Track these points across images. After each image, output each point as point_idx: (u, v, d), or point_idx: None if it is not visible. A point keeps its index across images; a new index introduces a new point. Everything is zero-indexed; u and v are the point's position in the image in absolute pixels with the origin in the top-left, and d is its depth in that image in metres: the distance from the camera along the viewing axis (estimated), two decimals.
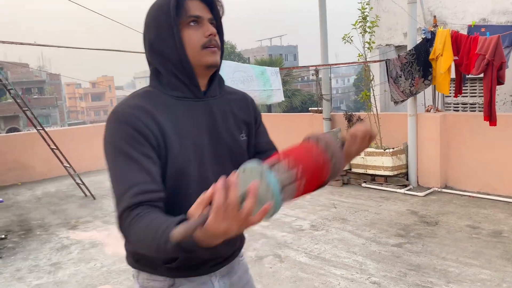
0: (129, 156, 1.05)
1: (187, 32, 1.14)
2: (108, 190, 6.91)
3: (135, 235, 0.97)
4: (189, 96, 1.18)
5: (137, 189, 1.02)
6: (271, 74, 4.83)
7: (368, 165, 5.97)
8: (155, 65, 1.19)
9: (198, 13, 1.15)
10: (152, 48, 1.18)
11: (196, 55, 1.15)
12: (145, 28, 1.20)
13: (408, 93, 5.53)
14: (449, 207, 4.95)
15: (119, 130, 1.08)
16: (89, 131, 9.02)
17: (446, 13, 6.09)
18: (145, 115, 1.10)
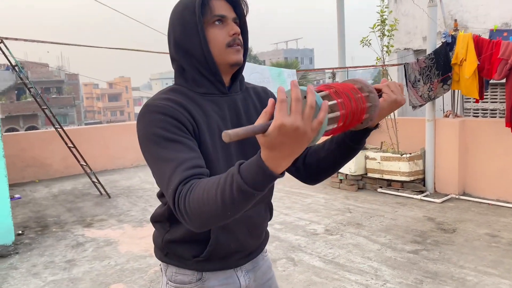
0: (172, 139, 1.05)
1: (212, 31, 1.17)
2: (123, 189, 6.97)
3: (195, 197, 0.94)
4: (214, 92, 1.21)
5: (188, 164, 1.01)
6: (287, 76, 4.82)
7: (384, 170, 5.89)
8: (180, 62, 1.21)
9: (223, 13, 1.17)
10: (177, 45, 1.20)
11: (221, 53, 1.18)
12: (170, 26, 1.22)
13: (427, 98, 5.45)
14: (467, 215, 4.85)
15: (156, 120, 1.07)
16: (106, 130, 9.12)
17: (467, 17, 5.99)
18: (179, 106, 1.11)
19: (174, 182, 0.99)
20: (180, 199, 0.97)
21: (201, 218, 0.95)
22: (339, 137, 1.20)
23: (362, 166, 6.13)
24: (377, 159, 5.94)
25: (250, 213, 1.26)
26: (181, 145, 1.05)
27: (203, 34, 1.15)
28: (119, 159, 8.82)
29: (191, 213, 0.95)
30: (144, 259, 4.04)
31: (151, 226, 1.37)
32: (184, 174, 0.99)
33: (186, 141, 1.07)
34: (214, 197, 0.91)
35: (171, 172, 1.00)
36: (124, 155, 8.86)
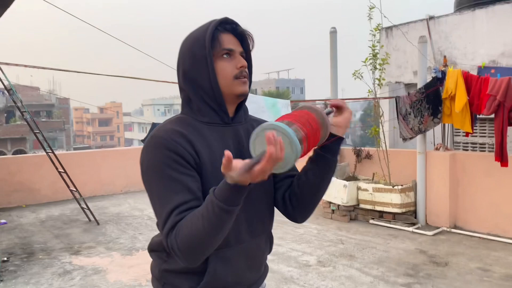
0: (172, 177, 1.12)
1: (220, 64, 1.23)
2: (112, 216, 6.87)
3: (184, 234, 1.05)
4: (218, 121, 1.26)
5: (183, 207, 1.09)
6: (282, 107, 4.89)
7: (376, 201, 5.91)
8: (188, 92, 1.27)
9: (231, 47, 1.24)
10: (186, 76, 1.26)
11: (228, 85, 1.24)
12: (180, 57, 1.29)
13: (417, 131, 5.54)
14: (459, 248, 4.86)
15: (160, 154, 1.14)
16: (96, 155, 9.05)
17: (456, 53, 6.18)
18: (182, 139, 1.17)
19: (168, 226, 1.08)
20: (172, 241, 1.07)
21: (193, 252, 1.07)
22: (313, 154, 1.29)
23: (354, 197, 6.15)
24: (369, 190, 5.97)
25: (250, 245, 1.27)
26: (180, 185, 1.11)
27: (212, 66, 1.22)
28: (108, 185, 8.72)
29: (183, 251, 1.06)
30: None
31: (141, 254, 1.41)
32: (176, 219, 1.08)
33: (186, 179, 1.12)
34: (201, 226, 1.03)
35: (167, 215, 1.09)
36: (114, 181, 8.77)
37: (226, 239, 1.19)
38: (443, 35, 6.32)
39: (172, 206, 1.09)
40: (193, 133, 1.20)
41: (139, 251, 5.01)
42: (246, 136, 1.31)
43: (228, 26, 1.26)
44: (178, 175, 1.11)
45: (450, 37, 6.24)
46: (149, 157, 1.16)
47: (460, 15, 6.17)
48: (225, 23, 1.26)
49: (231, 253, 1.23)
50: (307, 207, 1.35)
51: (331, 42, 6.70)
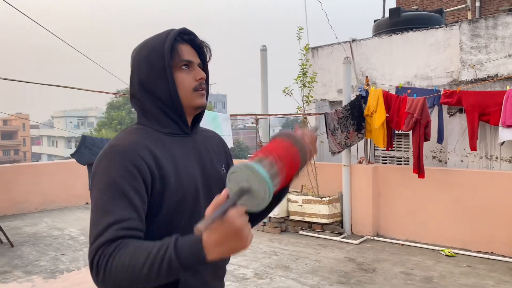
0: (121, 190, 1.05)
1: (179, 75, 1.22)
2: (28, 236, 6.30)
3: (120, 261, 0.95)
4: (178, 132, 1.26)
5: (125, 224, 1.02)
6: (222, 120, 4.91)
7: (305, 213, 6.13)
8: (143, 102, 1.25)
9: (190, 58, 1.24)
10: (142, 86, 1.24)
11: (188, 97, 1.24)
12: (134, 66, 1.26)
13: (344, 145, 5.89)
14: (382, 255, 5.21)
15: (116, 163, 1.09)
16: (6, 171, 8.25)
17: (375, 74, 6.70)
18: (143, 149, 1.13)
19: (102, 238, 0.99)
20: (101, 257, 0.97)
21: (120, 282, 0.96)
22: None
23: (284, 208, 6.32)
24: (298, 202, 6.18)
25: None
26: (127, 201, 1.05)
27: (171, 77, 1.20)
28: (21, 203, 7.98)
29: (109, 276, 0.96)
30: None
31: (67, 277, 1.35)
32: (115, 233, 0.99)
33: (134, 195, 1.06)
34: (141, 264, 0.94)
35: (104, 227, 1.00)
36: (27, 198, 8.05)
37: None
38: (364, 57, 6.83)
39: (114, 219, 1.01)
40: (156, 144, 1.18)
41: (63, 273, 4.64)
42: (204, 147, 1.33)
43: (186, 36, 1.26)
44: (128, 190, 1.06)
45: (370, 59, 6.76)
46: (104, 165, 1.10)
47: (379, 39, 6.72)
48: (183, 33, 1.25)
49: None
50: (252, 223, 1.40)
51: (261, 60, 6.91)
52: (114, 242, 0.98)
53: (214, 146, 1.39)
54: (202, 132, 1.39)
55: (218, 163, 1.36)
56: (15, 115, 24.93)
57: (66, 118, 54.51)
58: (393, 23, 7.10)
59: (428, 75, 6.18)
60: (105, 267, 0.96)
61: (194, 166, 1.25)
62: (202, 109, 1.31)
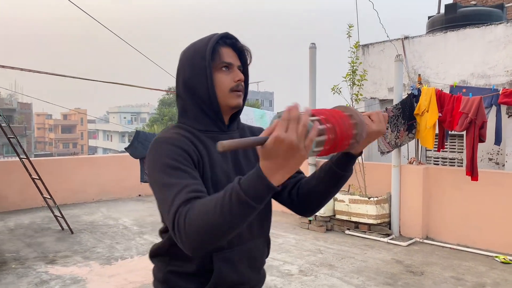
0: (177, 167, 1.14)
1: (218, 76, 1.31)
2: (86, 224, 6.70)
3: (195, 213, 0.99)
4: (214, 129, 1.33)
5: (191, 188, 1.08)
6: (269, 118, 4.99)
7: (352, 212, 6.07)
8: (185, 100, 1.34)
9: (230, 60, 1.32)
10: (186, 85, 1.33)
11: (224, 97, 1.31)
12: (180, 66, 1.36)
13: (394, 145, 5.77)
14: (432, 258, 5.06)
15: (166, 149, 1.18)
16: (68, 163, 8.80)
17: (428, 72, 6.50)
18: (188, 140, 1.23)
19: (176, 203, 1.04)
20: (180, 217, 1.01)
21: (198, 234, 0.98)
22: (326, 165, 1.31)
23: (330, 207, 6.29)
24: (345, 201, 6.13)
25: (249, 246, 1.33)
26: (185, 173, 1.13)
27: (210, 77, 1.29)
28: (80, 193, 8.50)
29: (189, 230, 0.99)
30: None
31: (120, 264, 1.46)
32: (186, 196, 1.05)
33: (190, 170, 1.15)
34: (213, 209, 0.97)
35: (174, 195, 1.06)
36: (85, 189, 8.56)
37: (229, 239, 1.21)
38: (417, 55, 6.64)
39: (179, 187, 1.08)
40: (194, 139, 1.27)
41: (118, 260, 4.92)
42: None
43: (228, 40, 1.33)
44: (183, 166, 1.14)
45: (424, 57, 6.56)
46: (154, 154, 1.18)
47: (433, 36, 6.51)
48: (226, 37, 1.33)
49: (233, 254, 1.28)
50: (315, 208, 1.42)
51: (310, 57, 6.89)
52: (187, 204, 1.03)
53: None
54: (245, 129, 1.45)
55: (254, 159, 1.41)
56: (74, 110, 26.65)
57: (121, 114, 56.87)
58: (449, 20, 6.84)
59: (485, 74, 5.92)
60: (184, 225, 1.00)
61: (228, 161, 1.32)
62: (239, 109, 1.37)
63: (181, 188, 1.07)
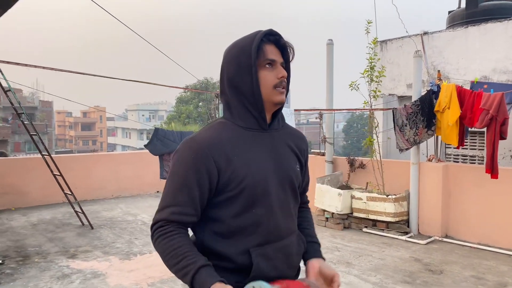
0: (184, 179, 1.28)
1: (262, 73, 1.33)
2: (105, 220, 6.82)
3: (161, 249, 1.27)
4: (256, 127, 1.36)
5: (178, 209, 1.27)
6: (286, 115, 4.98)
7: (370, 210, 6.03)
8: (230, 97, 1.37)
9: (273, 57, 1.34)
10: (230, 82, 1.36)
11: (268, 93, 1.34)
12: (224, 64, 1.38)
13: (412, 142, 5.70)
14: (451, 257, 4.99)
15: (188, 156, 1.28)
16: (88, 160, 8.97)
17: (448, 68, 6.39)
18: (216, 147, 1.28)
19: (160, 216, 1.29)
20: (154, 232, 1.30)
21: (160, 256, 1.29)
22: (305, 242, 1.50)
23: (348, 205, 6.25)
24: (363, 199, 6.08)
25: (285, 243, 1.36)
26: (187, 191, 1.27)
27: (256, 75, 1.32)
28: (100, 190, 8.64)
29: (155, 247, 1.30)
30: None
31: (139, 259, 1.67)
32: (168, 217, 1.28)
33: (194, 188, 1.27)
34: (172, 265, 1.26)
35: (163, 206, 1.30)
36: (105, 185, 8.70)
37: (266, 236, 1.32)
38: (437, 50, 6.53)
39: (172, 202, 1.28)
40: (230, 138, 1.30)
41: (137, 255, 4.99)
42: (281, 143, 1.42)
43: (271, 37, 1.35)
44: (191, 182, 1.26)
45: (443, 52, 6.46)
46: (179, 156, 1.30)
47: (453, 31, 6.39)
48: (269, 34, 1.35)
49: (271, 249, 1.32)
50: None
51: (327, 54, 6.86)
52: (165, 225, 1.28)
53: (292, 144, 1.46)
54: (284, 129, 1.47)
55: (293, 159, 1.45)
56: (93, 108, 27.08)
57: (139, 111, 57.53)
58: (470, 14, 6.71)
59: (508, 69, 5.78)
60: (154, 242, 1.30)
61: (267, 159, 1.35)
62: (280, 106, 1.39)
63: (171, 204, 1.28)
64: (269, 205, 1.33)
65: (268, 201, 1.33)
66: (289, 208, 1.41)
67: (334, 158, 7.00)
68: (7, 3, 4.88)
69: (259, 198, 1.31)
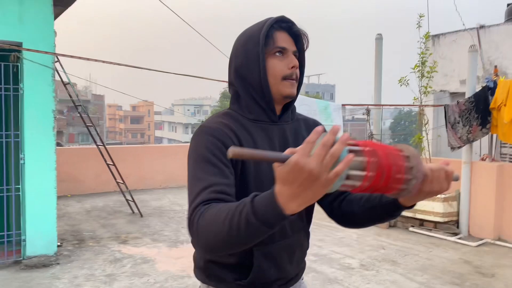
0: (211, 161, 1.12)
1: (271, 61, 1.23)
2: (154, 209, 7.08)
3: (207, 217, 0.98)
4: (265, 119, 1.26)
5: (216, 188, 1.07)
6: (333, 110, 4.96)
7: (417, 210, 5.87)
8: (237, 88, 1.28)
9: (284, 45, 1.23)
10: (237, 72, 1.27)
11: (277, 84, 1.24)
12: (232, 53, 1.30)
13: (465, 140, 5.49)
14: (504, 261, 4.78)
15: (205, 140, 1.16)
16: (138, 151, 9.34)
17: (506, 63, 6.09)
18: (229, 130, 1.19)
19: (197, 200, 1.05)
20: (195, 216, 1.01)
21: (207, 238, 0.98)
22: (374, 200, 1.19)
23: None
24: None
25: (291, 241, 1.29)
26: (216, 169, 1.11)
27: (263, 64, 1.21)
28: (149, 180, 8.98)
29: (200, 233, 0.99)
30: (182, 279, 4.09)
31: (186, 247, 1.43)
32: (208, 196, 1.05)
33: (223, 167, 1.12)
34: (222, 220, 0.94)
35: (198, 191, 1.07)
36: (153, 176, 9.03)
37: (271, 234, 1.12)
38: (493, 45, 6.24)
39: (206, 184, 1.07)
40: (239, 128, 1.22)
41: (183, 244, 5.16)
42: (293, 135, 1.31)
43: (284, 24, 1.25)
44: (216, 161, 1.12)
45: (501, 47, 6.16)
46: (195, 143, 1.18)
47: None
48: (281, 21, 1.25)
49: (275, 248, 1.24)
50: (356, 227, 1.36)
51: (376, 49, 6.72)
52: (207, 204, 1.03)
53: (306, 136, 1.31)
54: (298, 121, 1.37)
55: None
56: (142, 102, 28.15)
57: (184, 106, 58.85)
58: None
59: None
60: (197, 226, 1.00)
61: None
62: (291, 99, 1.29)
63: (207, 186, 1.07)
64: None
65: None
66: None
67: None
68: (67, 1, 5.18)
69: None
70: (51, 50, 4.44)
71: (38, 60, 4.31)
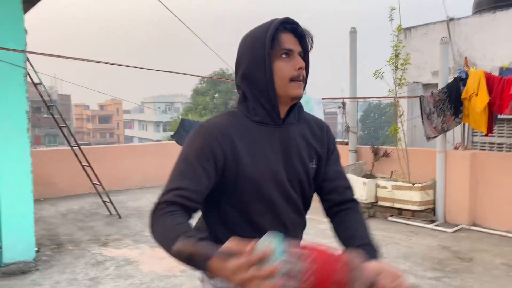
0: (192, 164, 1.20)
1: (278, 63, 1.24)
2: (132, 210, 6.95)
3: (158, 230, 1.13)
4: (269, 122, 1.28)
5: (183, 192, 1.16)
6: (315, 104, 5.00)
7: (395, 199, 6.01)
8: (244, 90, 1.30)
9: (290, 47, 1.25)
10: (244, 75, 1.28)
11: (284, 86, 1.25)
12: (239, 55, 1.32)
13: (440, 130, 5.65)
14: (481, 245, 4.96)
15: (196, 142, 1.24)
16: (110, 151, 9.12)
17: (475, 55, 6.30)
18: (224, 134, 1.23)
19: (164, 198, 1.17)
20: (156, 213, 1.15)
21: (156, 241, 1.14)
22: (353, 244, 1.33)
23: (373, 194, 6.25)
24: (388, 188, 6.07)
25: (289, 236, 1.27)
26: (193, 174, 1.19)
27: (269, 66, 1.23)
28: (124, 180, 8.79)
29: (153, 232, 1.15)
30: (168, 278, 4.04)
31: None
32: (173, 198, 1.15)
33: (201, 172, 1.19)
34: (164, 235, 1.10)
35: (168, 190, 1.18)
36: (129, 176, 8.84)
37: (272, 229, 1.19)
38: (463, 37, 6.44)
39: (176, 186, 1.17)
40: (239, 130, 1.25)
41: None
42: (295, 139, 1.32)
43: (288, 25, 1.26)
44: (197, 165, 1.19)
45: (470, 39, 6.36)
46: (189, 139, 1.26)
47: (480, 17, 6.29)
48: (286, 22, 1.26)
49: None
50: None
51: (350, 42, 6.81)
52: (168, 205, 1.14)
53: (310, 139, 1.36)
54: (303, 123, 1.37)
55: (308, 157, 1.35)
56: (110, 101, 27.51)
57: (155, 104, 57.92)
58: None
59: None
60: (152, 226, 1.15)
61: (277, 156, 1.28)
62: (298, 100, 1.31)
63: (177, 188, 1.17)
64: (273, 202, 1.30)
65: (272, 198, 1.29)
66: (297, 205, 1.37)
67: (357, 148, 6.98)
68: None
69: (264, 194, 1.27)
70: (22, 49, 4.27)
71: (9, 59, 4.13)
